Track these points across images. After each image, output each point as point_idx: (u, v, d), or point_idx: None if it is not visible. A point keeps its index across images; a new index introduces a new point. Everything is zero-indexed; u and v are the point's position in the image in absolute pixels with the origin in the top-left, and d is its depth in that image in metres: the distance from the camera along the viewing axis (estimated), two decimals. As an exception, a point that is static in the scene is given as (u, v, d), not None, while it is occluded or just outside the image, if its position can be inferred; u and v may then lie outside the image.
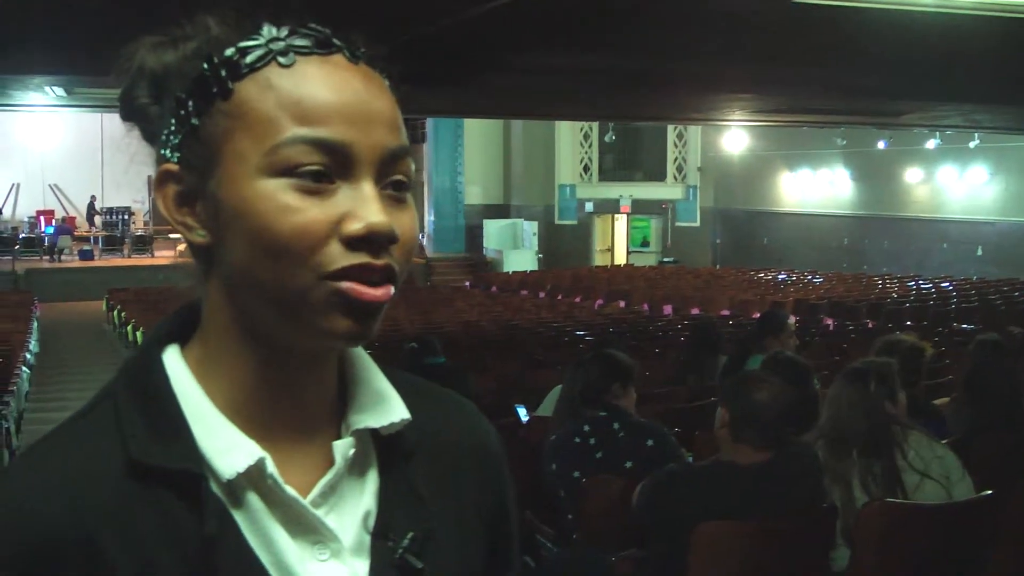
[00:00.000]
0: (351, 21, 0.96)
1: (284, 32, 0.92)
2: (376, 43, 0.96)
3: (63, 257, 27.71)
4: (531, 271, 28.28)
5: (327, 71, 0.91)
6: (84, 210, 31.06)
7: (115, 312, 19.24)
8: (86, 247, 28.22)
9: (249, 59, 0.90)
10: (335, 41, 0.93)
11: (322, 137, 0.88)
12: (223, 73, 0.90)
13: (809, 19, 8.48)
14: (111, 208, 30.03)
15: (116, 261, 27.68)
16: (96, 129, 29.56)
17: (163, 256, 27.63)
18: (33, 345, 15.44)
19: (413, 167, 0.95)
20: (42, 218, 29.29)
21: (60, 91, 13.37)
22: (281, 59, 0.90)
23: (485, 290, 24.36)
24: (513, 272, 27.99)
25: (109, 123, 28.84)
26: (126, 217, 29.66)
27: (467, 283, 26.89)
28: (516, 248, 30.93)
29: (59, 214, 30.39)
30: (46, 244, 27.91)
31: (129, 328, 16.78)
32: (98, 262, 27.59)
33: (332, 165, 0.89)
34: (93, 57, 10.28)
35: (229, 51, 0.91)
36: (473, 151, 32.34)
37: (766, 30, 9.19)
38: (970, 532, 3.88)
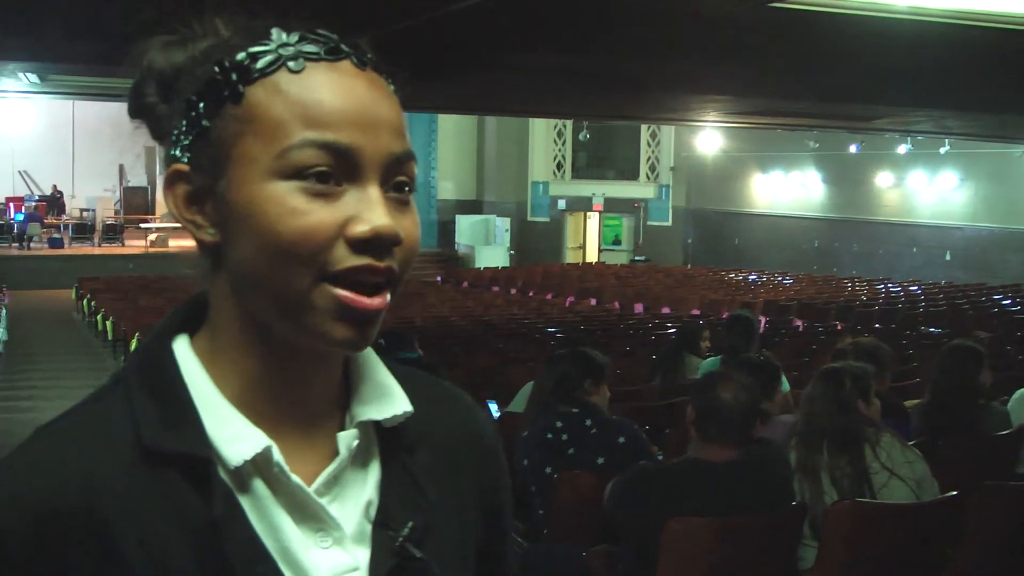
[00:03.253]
0: (330, 15, 0.99)
1: (294, 38, 0.94)
2: (353, 36, 0.99)
3: (32, 245, 27.47)
4: (503, 267, 28.26)
5: (335, 77, 0.93)
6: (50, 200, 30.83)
7: (84, 301, 19.12)
8: (56, 235, 28.00)
9: (260, 64, 0.93)
10: (343, 47, 0.95)
11: (330, 140, 0.91)
12: (234, 77, 0.93)
13: (785, 23, 8.54)
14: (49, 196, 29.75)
15: (86, 249, 27.47)
16: (68, 116, 29.39)
17: (133, 245, 27.47)
18: (2, 333, 15.33)
19: (416, 171, 0.99)
20: (11, 205, 29.00)
21: (34, 77, 13.27)
22: (291, 64, 0.93)
23: (456, 285, 24.33)
24: (485, 268, 27.96)
25: (81, 111, 28.73)
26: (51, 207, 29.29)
27: (439, 278, 26.85)
28: (488, 244, 30.93)
29: (29, 201, 30.10)
30: (15, 231, 27.66)
31: (99, 317, 16.68)
32: (68, 250, 27.37)
33: (339, 168, 0.91)
34: (68, 44, 10.26)
35: (240, 56, 0.93)
36: (447, 146, 32.32)
37: (743, 33, 9.24)
38: (934, 532, 3.94)
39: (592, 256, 32.87)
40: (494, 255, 30.10)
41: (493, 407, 6.60)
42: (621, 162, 33.23)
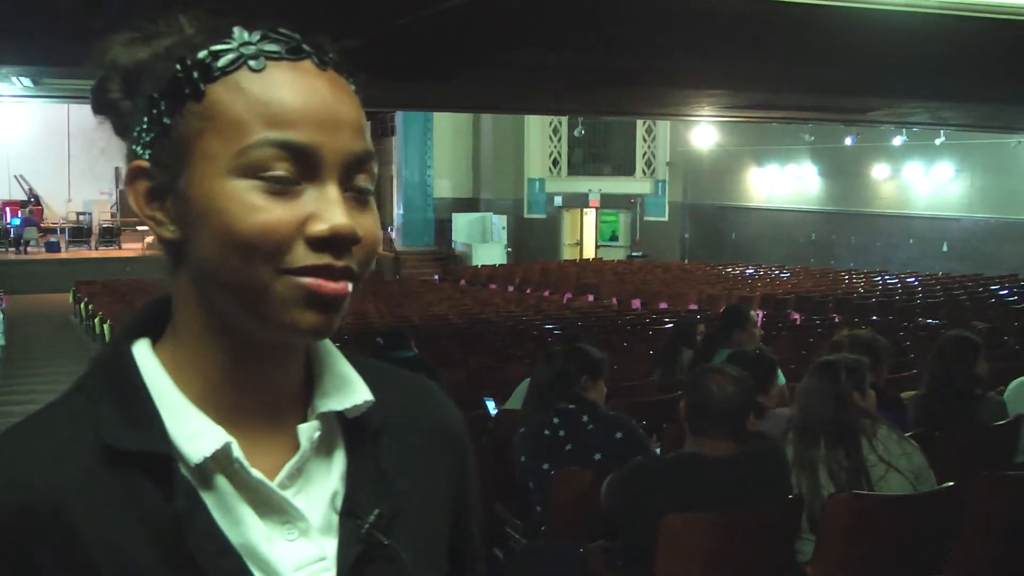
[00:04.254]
0: (323, 15, 0.99)
1: (255, 37, 0.95)
2: (347, 38, 0.99)
3: (29, 249, 27.47)
4: (500, 265, 28.26)
5: (296, 76, 0.94)
6: (51, 202, 30.80)
7: (82, 304, 19.11)
8: (52, 239, 28.00)
9: (221, 63, 0.93)
10: (305, 47, 0.96)
11: (290, 140, 0.91)
12: (195, 75, 0.93)
13: (778, 16, 8.54)
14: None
15: (83, 253, 27.49)
16: (63, 120, 29.33)
17: (130, 248, 27.45)
18: (0, 338, 15.32)
19: (376, 170, 0.99)
20: (8, 209, 29.00)
21: (27, 81, 13.25)
22: (252, 63, 0.93)
23: (454, 283, 24.35)
24: (482, 266, 27.96)
25: (76, 114, 28.71)
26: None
27: (436, 276, 26.87)
28: (485, 242, 30.91)
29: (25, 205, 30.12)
30: (12, 235, 27.66)
31: (96, 320, 16.67)
32: (65, 254, 27.42)
33: (299, 167, 0.92)
34: (62, 48, 10.23)
35: (202, 54, 0.94)
36: (442, 144, 32.29)
37: (736, 27, 9.23)
38: (932, 523, 3.94)
39: (589, 252, 32.86)
40: (491, 253, 30.10)
41: (491, 404, 6.61)
42: (617, 158, 33.22)
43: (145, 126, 0.96)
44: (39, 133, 29.86)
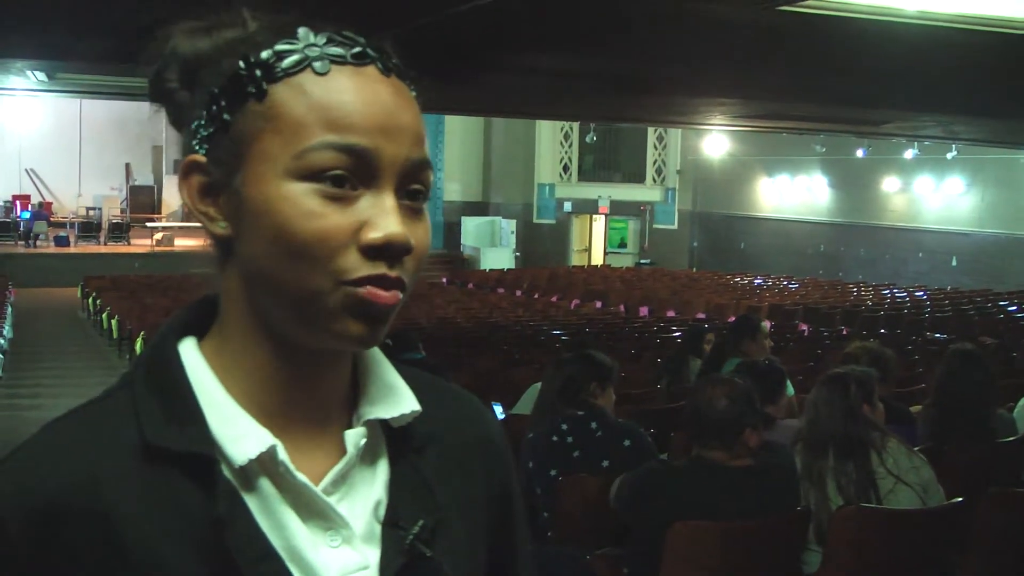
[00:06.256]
0: (337, 16, 0.98)
1: (321, 39, 0.94)
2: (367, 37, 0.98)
3: (39, 243, 27.52)
4: (508, 269, 28.26)
5: (360, 82, 0.93)
6: (61, 196, 30.88)
7: (90, 299, 19.16)
8: (62, 233, 28.03)
9: (285, 63, 0.92)
10: (370, 52, 0.95)
11: (350, 144, 0.91)
12: (259, 74, 0.92)
13: (793, 27, 8.53)
14: None
15: (92, 248, 27.50)
16: (75, 115, 29.45)
17: (139, 244, 27.49)
18: (7, 331, 15.34)
19: (432, 178, 0.98)
20: (18, 203, 29.05)
21: (42, 75, 13.28)
22: (316, 66, 0.92)
23: (462, 287, 24.33)
24: (490, 270, 27.98)
25: (88, 109, 28.81)
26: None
27: (444, 279, 26.86)
28: (494, 246, 30.93)
29: (35, 199, 30.17)
30: (22, 229, 27.71)
31: (104, 316, 16.70)
32: (74, 248, 27.42)
33: (356, 172, 0.91)
34: (77, 42, 10.27)
35: (266, 53, 0.93)
36: (453, 148, 32.32)
37: (750, 37, 9.23)
38: (940, 538, 3.93)
39: (598, 259, 32.84)
40: (500, 257, 30.11)
41: (498, 409, 6.59)
42: (627, 165, 33.22)
43: (203, 121, 0.95)
44: (51, 127, 29.92)
